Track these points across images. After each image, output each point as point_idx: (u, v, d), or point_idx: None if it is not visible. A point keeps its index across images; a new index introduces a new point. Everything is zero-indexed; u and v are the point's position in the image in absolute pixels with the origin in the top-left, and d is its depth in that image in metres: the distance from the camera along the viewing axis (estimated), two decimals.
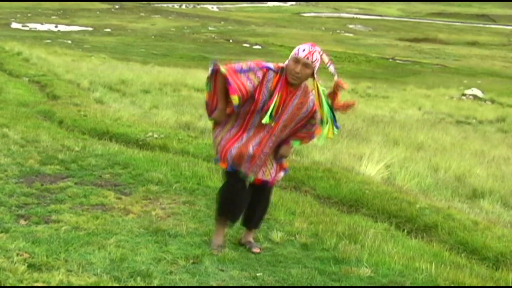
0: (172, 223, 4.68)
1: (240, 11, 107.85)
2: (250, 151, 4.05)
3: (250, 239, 4.41)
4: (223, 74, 3.98)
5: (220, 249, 4.21)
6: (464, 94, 28.18)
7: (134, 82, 17.92)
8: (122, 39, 56.22)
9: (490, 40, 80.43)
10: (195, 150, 7.89)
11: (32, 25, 64.71)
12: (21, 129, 8.19)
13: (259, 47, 57.55)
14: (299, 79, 4.00)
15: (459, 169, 9.14)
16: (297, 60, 3.96)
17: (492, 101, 26.65)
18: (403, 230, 5.47)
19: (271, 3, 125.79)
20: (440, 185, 8.06)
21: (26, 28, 61.99)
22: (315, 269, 4.01)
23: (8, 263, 3.50)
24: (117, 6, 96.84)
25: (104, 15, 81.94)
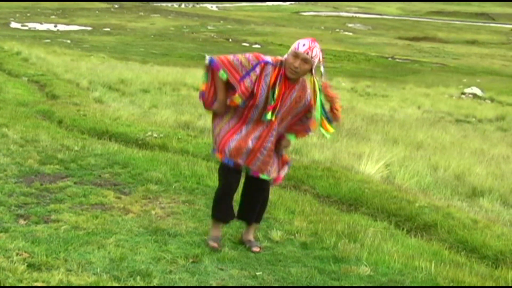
0: (171, 223, 4.68)
1: (239, 10, 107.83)
2: (250, 145, 4.06)
3: (251, 237, 4.40)
4: (225, 80, 3.98)
5: (216, 240, 4.21)
6: (463, 93, 28.19)
7: (134, 82, 17.91)
8: (122, 39, 56.21)
9: (489, 38, 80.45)
10: (195, 149, 7.89)
11: (31, 25, 64.68)
12: (20, 128, 8.19)
13: (258, 46, 57.52)
14: (297, 74, 3.99)
15: (459, 167, 9.14)
16: (296, 55, 3.95)
17: (492, 100, 26.66)
18: (403, 229, 5.47)
19: (270, 2, 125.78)
20: (439, 183, 8.06)
21: (25, 28, 61.97)
22: (315, 268, 4.01)
23: (8, 263, 3.50)
24: (116, 6, 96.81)
25: (103, 15, 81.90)
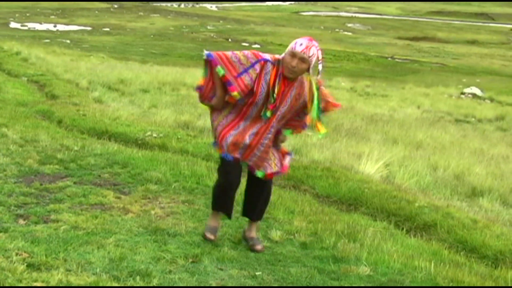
0: (171, 222, 4.68)
1: (239, 10, 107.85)
2: (246, 141, 4.07)
3: (254, 234, 4.39)
4: (221, 76, 3.98)
5: (213, 231, 4.21)
6: (463, 93, 28.19)
7: (133, 82, 17.91)
8: (121, 39, 56.21)
9: (489, 38, 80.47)
10: (194, 149, 7.89)
11: (30, 25, 64.67)
12: (20, 128, 8.18)
13: (258, 46, 57.51)
14: (295, 73, 3.99)
15: (458, 167, 9.14)
16: (293, 54, 3.94)
17: (491, 100, 26.66)
18: (402, 229, 5.48)
19: (269, 2, 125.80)
20: (439, 183, 8.06)
21: (25, 28, 61.96)
22: (314, 268, 4.01)
23: (7, 263, 3.50)
24: (116, 6, 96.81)
25: (103, 15, 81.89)
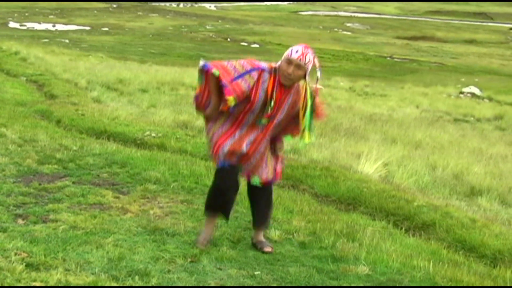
0: (170, 222, 4.68)
1: (238, 10, 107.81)
2: (244, 150, 4.06)
3: (261, 238, 4.39)
4: (216, 76, 3.96)
5: (206, 243, 4.19)
6: (461, 92, 28.20)
7: (132, 81, 17.90)
8: (120, 38, 56.18)
9: (487, 38, 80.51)
10: (193, 149, 7.89)
11: (29, 25, 64.61)
12: (18, 128, 8.18)
13: (256, 46, 57.55)
14: (291, 80, 3.99)
15: (457, 167, 9.15)
16: (289, 61, 3.94)
17: (490, 99, 26.66)
18: (401, 228, 5.48)
19: (268, 2, 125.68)
20: (438, 183, 8.07)
21: (24, 28, 61.90)
22: (313, 268, 4.01)
23: (6, 263, 3.49)
24: (114, 5, 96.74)
25: (102, 14, 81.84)
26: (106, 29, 64.89)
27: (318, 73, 4.03)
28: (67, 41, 49.06)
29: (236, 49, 52.50)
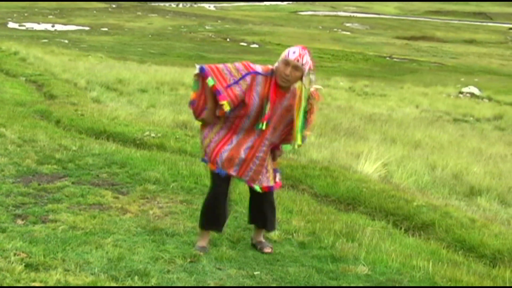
0: (169, 222, 4.68)
1: (237, 10, 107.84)
2: (242, 155, 4.04)
3: (261, 238, 4.39)
4: (211, 86, 3.94)
5: (203, 250, 4.16)
6: (461, 92, 28.20)
7: (131, 81, 17.90)
8: (119, 38, 56.17)
9: (487, 38, 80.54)
10: (193, 149, 7.89)
11: (29, 25, 64.59)
12: (18, 128, 8.18)
13: (256, 46, 57.54)
14: (288, 81, 3.97)
15: (457, 167, 9.15)
16: (287, 63, 3.92)
17: (489, 99, 26.66)
18: (401, 228, 5.48)
19: (268, 2, 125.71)
20: (437, 183, 8.07)
21: (23, 28, 61.88)
22: (313, 268, 4.01)
23: (5, 263, 3.49)
24: (114, 5, 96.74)
25: (101, 14, 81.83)
26: (106, 29, 64.88)
27: (312, 76, 4.01)
28: (66, 41, 49.06)
29: (236, 49, 52.51)
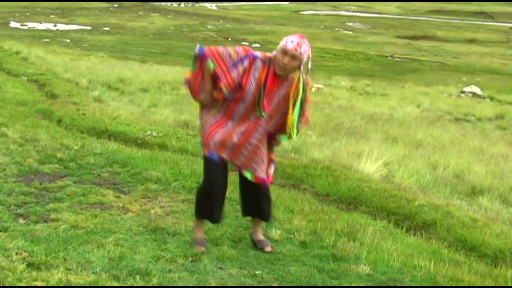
0: (171, 222, 4.68)
1: (239, 9, 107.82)
2: (234, 140, 4.04)
3: (261, 236, 4.38)
4: (211, 70, 3.95)
5: (202, 243, 4.16)
6: (463, 92, 28.17)
7: (133, 81, 17.92)
8: (121, 38, 56.18)
9: (488, 37, 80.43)
10: (194, 148, 7.89)
11: (30, 24, 64.62)
12: (19, 128, 8.19)
13: (257, 45, 57.49)
14: (286, 70, 3.97)
15: (458, 166, 9.15)
16: (285, 52, 3.93)
17: (491, 99, 26.62)
18: (402, 228, 5.48)
19: (269, 2, 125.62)
20: (439, 182, 8.07)
21: (25, 27, 61.92)
22: (314, 267, 4.01)
23: (7, 262, 3.50)
24: (115, 5, 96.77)
25: (103, 14, 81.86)
26: (107, 28, 64.91)
27: (309, 64, 4.02)
28: (68, 40, 49.08)
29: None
